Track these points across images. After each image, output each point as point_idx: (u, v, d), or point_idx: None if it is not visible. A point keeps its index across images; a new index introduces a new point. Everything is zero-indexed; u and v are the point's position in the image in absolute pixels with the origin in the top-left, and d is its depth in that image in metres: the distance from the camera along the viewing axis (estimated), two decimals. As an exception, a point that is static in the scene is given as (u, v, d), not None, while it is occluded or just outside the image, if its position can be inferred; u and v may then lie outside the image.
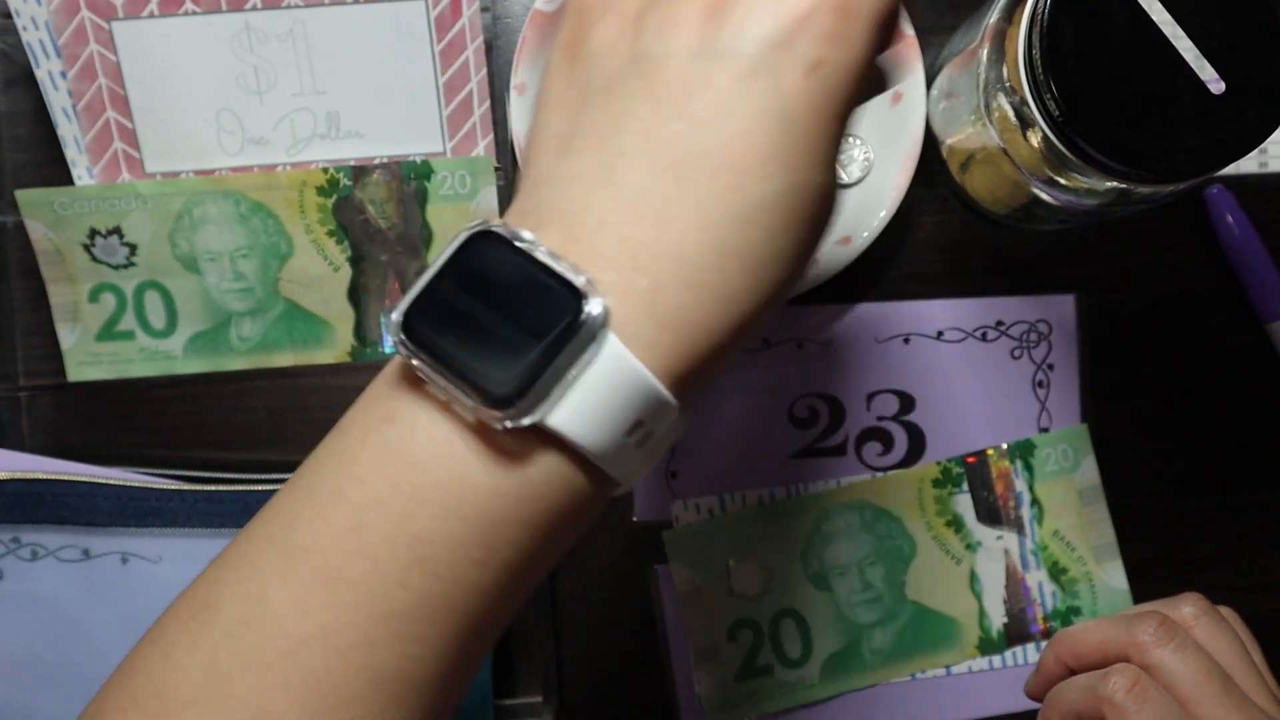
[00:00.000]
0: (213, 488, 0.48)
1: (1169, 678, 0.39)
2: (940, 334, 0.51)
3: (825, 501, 0.50)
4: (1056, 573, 0.51)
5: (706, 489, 0.51)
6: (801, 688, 0.50)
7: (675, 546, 0.50)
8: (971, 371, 0.52)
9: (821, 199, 0.26)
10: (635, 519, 0.51)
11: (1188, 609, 0.41)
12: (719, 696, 0.50)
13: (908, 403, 0.51)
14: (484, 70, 0.49)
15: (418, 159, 0.49)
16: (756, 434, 0.51)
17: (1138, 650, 0.39)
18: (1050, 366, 0.52)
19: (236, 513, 0.47)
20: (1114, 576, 0.51)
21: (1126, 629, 0.40)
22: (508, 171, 0.49)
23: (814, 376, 0.51)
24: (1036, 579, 0.51)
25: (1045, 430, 0.51)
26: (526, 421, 0.24)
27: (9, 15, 0.47)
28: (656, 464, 0.34)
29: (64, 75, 0.48)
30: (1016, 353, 0.52)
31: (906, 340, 0.51)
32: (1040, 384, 0.52)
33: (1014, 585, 0.51)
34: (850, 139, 0.49)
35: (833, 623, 0.50)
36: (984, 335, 0.51)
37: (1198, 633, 0.40)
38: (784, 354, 0.51)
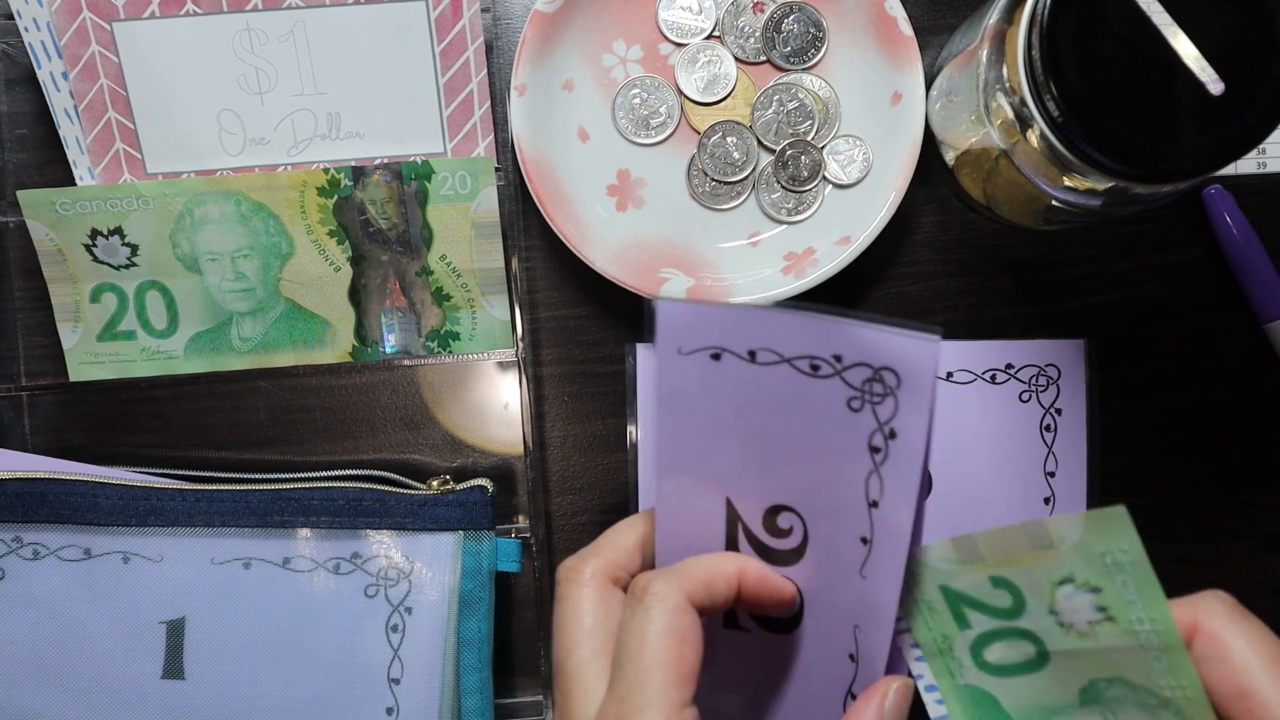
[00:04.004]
0: (214, 487, 0.48)
1: None
2: (950, 375, 0.51)
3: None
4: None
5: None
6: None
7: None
8: (980, 413, 0.51)
9: None
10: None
11: None
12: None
13: None
14: (484, 71, 0.49)
15: (418, 159, 0.49)
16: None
17: None
18: (1058, 411, 0.51)
19: (238, 512, 0.47)
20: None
21: None
22: (507, 172, 0.49)
23: None
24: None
25: (1051, 474, 0.51)
26: None
27: (11, 16, 0.48)
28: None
29: (66, 76, 0.49)
30: (1025, 396, 0.51)
31: None
32: (1048, 428, 0.51)
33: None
34: (850, 139, 0.49)
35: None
36: (993, 378, 0.51)
37: None
38: None
